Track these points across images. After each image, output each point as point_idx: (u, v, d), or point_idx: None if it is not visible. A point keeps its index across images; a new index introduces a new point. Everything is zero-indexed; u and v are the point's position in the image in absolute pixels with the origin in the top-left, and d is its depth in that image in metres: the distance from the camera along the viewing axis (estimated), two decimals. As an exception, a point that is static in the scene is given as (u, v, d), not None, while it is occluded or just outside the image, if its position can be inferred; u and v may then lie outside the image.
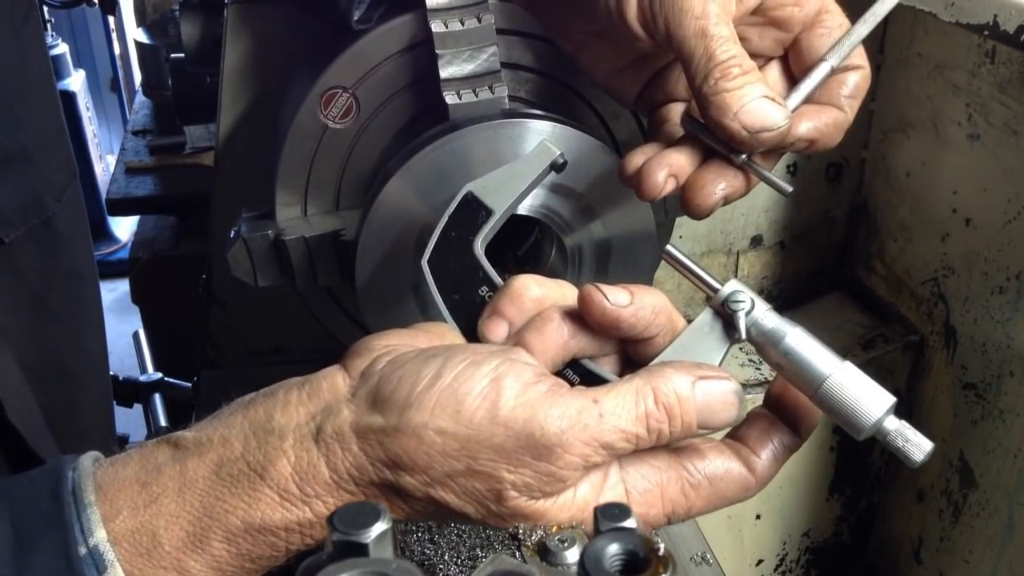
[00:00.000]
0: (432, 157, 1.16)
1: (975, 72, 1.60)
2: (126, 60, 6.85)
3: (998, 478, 1.64)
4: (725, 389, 0.81)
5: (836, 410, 0.82)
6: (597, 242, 1.25)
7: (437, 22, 1.18)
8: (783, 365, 0.83)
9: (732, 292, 0.85)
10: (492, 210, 1.00)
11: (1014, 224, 1.55)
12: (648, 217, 1.26)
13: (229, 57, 1.52)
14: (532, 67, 1.29)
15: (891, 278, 1.89)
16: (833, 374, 0.82)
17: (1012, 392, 1.59)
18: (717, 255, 1.92)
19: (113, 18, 6.50)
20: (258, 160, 1.58)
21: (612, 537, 0.67)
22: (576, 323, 0.87)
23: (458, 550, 1.45)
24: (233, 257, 1.29)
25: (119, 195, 3.38)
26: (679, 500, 0.83)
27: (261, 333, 1.73)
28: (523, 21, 1.25)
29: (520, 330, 0.88)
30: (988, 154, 1.60)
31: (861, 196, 1.94)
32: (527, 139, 1.17)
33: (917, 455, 0.81)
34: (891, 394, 0.83)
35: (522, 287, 0.90)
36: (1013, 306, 1.57)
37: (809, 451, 1.85)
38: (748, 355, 1.88)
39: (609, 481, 0.82)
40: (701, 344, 0.87)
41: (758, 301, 0.85)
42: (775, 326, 0.84)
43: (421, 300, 1.24)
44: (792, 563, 1.96)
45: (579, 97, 1.32)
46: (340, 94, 1.25)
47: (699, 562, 1.29)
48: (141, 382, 2.28)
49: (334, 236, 1.28)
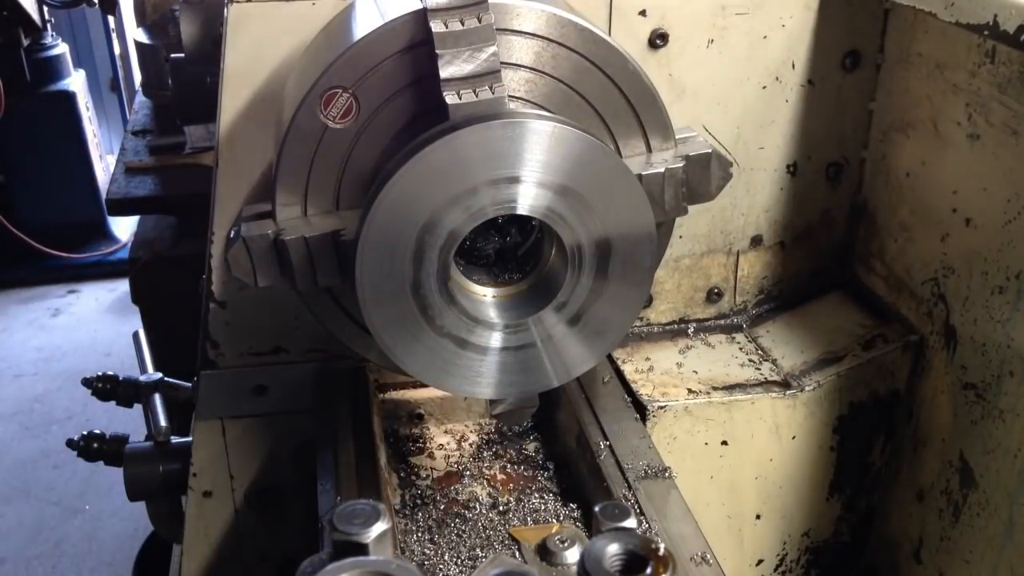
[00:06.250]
0: (432, 157, 1.16)
1: (975, 72, 1.60)
2: (126, 60, 6.85)
3: (998, 478, 1.64)
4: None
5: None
6: (597, 242, 1.25)
7: (437, 22, 1.18)
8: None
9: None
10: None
11: (1014, 224, 1.55)
12: (648, 217, 1.26)
13: (229, 57, 1.52)
14: (532, 67, 1.29)
15: (891, 278, 1.89)
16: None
17: (1012, 392, 1.59)
18: (717, 255, 1.92)
19: (113, 18, 6.51)
20: (258, 160, 1.58)
21: (612, 537, 0.67)
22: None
23: (458, 550, 1.45)
24: (233, 257, 1.29)
25: (119, 195, 3.38)
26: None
27: (261, 333, 1.73)
28: (523, 21, 1.26)
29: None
30: (988, 154, 1.60)
31: (861, 196, 1.94)
32: (527, 139, 1.17)
33: None
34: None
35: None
36: (1013, 306, 1.57)
37: (809, 451, 1.85)
38: (748, 355, 1.89)
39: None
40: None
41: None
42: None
43: (421, 300, 1.24)
44: (792, 563, 1.96)
45: (580, 97, 1.32)
46: (340, 94, 1.25)
47: (699, 562, 1.29)
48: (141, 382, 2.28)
49: (334, 236, 1.28)
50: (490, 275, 1.36)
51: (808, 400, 1.79)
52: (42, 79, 5.99)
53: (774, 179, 1.88)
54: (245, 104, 1.55)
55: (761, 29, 1.74)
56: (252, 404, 1.76)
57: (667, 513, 1.40)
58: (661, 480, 1.47)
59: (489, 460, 1.66)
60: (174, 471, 1.89)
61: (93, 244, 6.35)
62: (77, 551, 4.10)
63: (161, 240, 3.43)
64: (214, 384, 1.74)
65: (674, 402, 1.75)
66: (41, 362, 5.47)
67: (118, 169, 3.58)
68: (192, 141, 3.57)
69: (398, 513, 1.53)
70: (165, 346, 2.79)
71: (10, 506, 4.36)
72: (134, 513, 4.00)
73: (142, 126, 3.91)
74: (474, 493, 1.58)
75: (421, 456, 1.68)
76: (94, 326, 5.82)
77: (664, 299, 1.94)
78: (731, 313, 1.98)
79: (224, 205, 1.60)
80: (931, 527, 1.83)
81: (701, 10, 1.70)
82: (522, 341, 1.30)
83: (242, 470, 1.83)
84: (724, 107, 1.79)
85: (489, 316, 1.29)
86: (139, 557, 3.52)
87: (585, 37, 1.29)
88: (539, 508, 1.53)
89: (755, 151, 1.84)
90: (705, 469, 1.80)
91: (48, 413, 5.01)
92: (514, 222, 1.35)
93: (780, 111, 1.83)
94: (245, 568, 1.93)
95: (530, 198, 1.20)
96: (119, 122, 7.28)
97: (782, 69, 1.79)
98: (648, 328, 1.95)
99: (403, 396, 1.76)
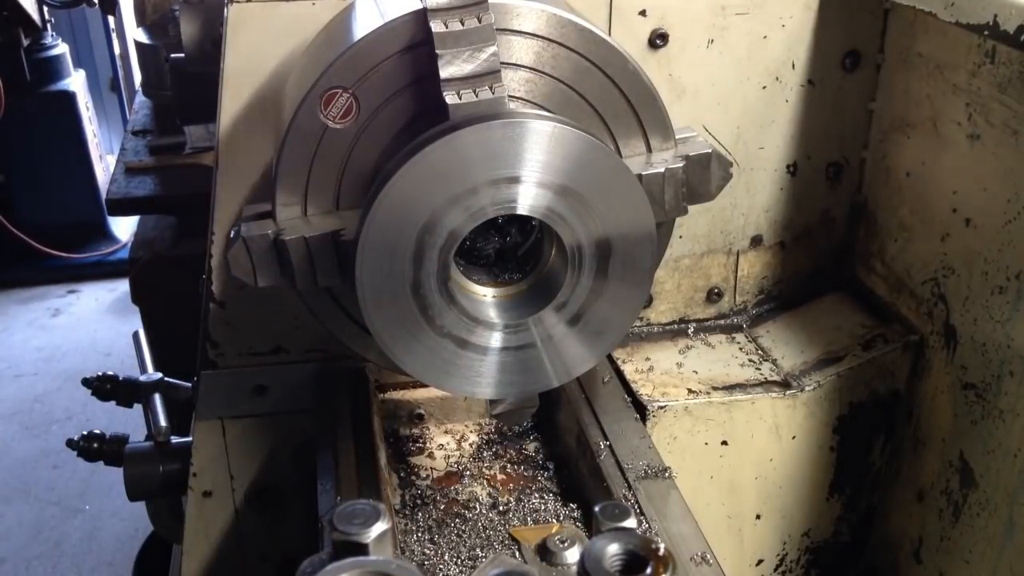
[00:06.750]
0: (432, 157, 1.16)
1: (975, 72, 1.60)
2: (126, 60, 6.85)
3: (998, 478, 1.64)
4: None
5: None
6: (597, 242, 1.25)
7: (437, 22, 1.18)
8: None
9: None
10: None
11: (1014, 224, 1.55)
12: (648, 217, 1.26)
13: (229, 57, 1.52)
14: (532, 67, 1.29)
15: (891, 278, 1.89)
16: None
17: (1012, 392, 1.59)
18: (717, 255, 1.92)
19: (113, 18, 6.50)
20: (258, 160, 1.58)
21: (612, 537, 0.67)
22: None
23: (458, 550, 1.45)
24: (233, 257, 1.29)
25: (119, 195, 3.38)
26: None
27: (261, 333, 1.73)
28: (523, 21, 1.26)
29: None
30: (988, 154, 1.60)
31: (861, 196, 1.94)
32: (527, 139, 1.17)
33: None
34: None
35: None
36: (1013, 306, 1.57)
37: (809, 451, 1.85)
38: (748, 355, 1.89)
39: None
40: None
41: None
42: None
43: (421, 300, 1.24)
44: (792, 563, 1.96)
45: (580, 97, 1.32)
46: (340, 94, 1.25)
47: (699, 562, 1.29)
48: (141, 382, 2.27)
49: (334, 236, 1.28)
50: (490, 275, 1.36)
51: (808, 400, 1.79)
52: (42, 79, 5.99)
53: (774, 179, 1.88)
54: (245, 104, 1.55)
55: (761, 29, 1.75)
56: (252, 404, 1.76)
57: (667, 513, 1.40)
58: (661, 480, 1.47)
59: (489, 460, 1.66)
60: (174, 471, 1.89)
61: (93, 244, 6.35)
62: (77, 551, 4.10)
63: (161, 240, 3.43)
64: (214, 384, 1.74)
65: (674, 402, 1.75)
66: (41, 362, 5.47)
67: (118, 169, 3.58)
68: (192, 141, 3.57)
69: (398, 513, 1.53)
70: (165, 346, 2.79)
71: (10, 506, 4.37)
72: (134, 513, 4.00)
73: (142, 126, 3.91)
74: (474, 493, 1.58)
75: (421, 456, 1.68)
76: (94, 326, 5.82)
77: (664, 299, 1.94)
78: (731, 313, 1.98)
79: (224, 205, 1.60)
80: (931, 527, 1.83)
81: (701, 10, 1.70)
82: (522, 341, 1.30)
83: (242, 470, 1.83)
84: (724, 107, 1.79)
85: (489, 316, 1.30)
86: (139, 557, 3.52)
87: (585, 37, 1.29)
88: (539, 508, 1.53)
89: (755, 151, 1.84)
90: (705, 469, 1.80)
91: (48, 413, 5.01)
92: (514, 222, 1.35)
93: (780, 111, 1.83)
94: (245, 568, 1.93)
95: (530, 198, 1.20)
96: (119, 122, 7.28)
97: (782, 69, 1.79)
98: (648, 328, 1.95)
99: (403, 396, 1.76)
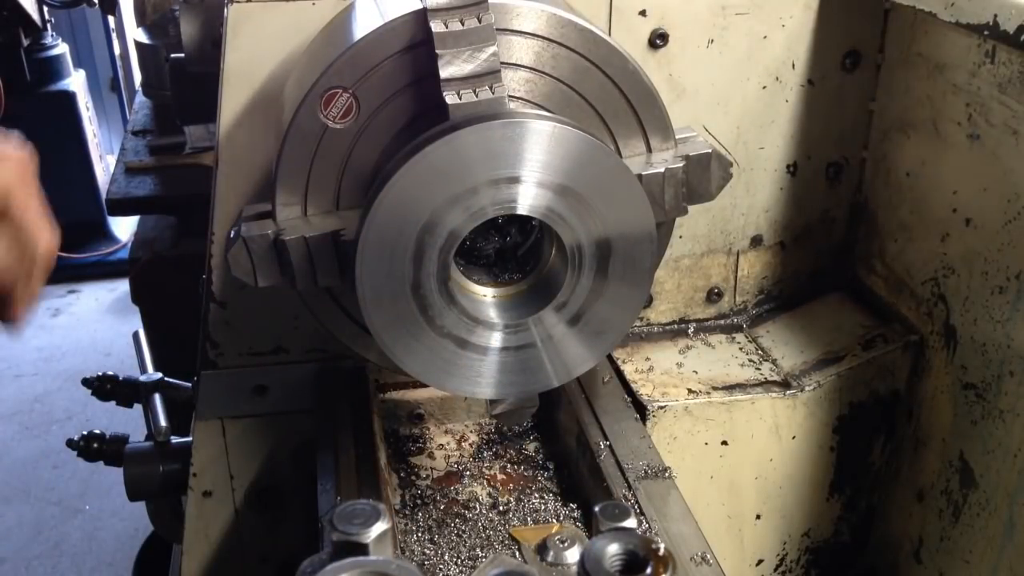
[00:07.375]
0: (432, 157, 1.16)
1: (975, 72, 1.60)
2: (126, 60, 6.84)
3: (998, 478, 1.64)
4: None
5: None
6: (597, 242, 1.25)
7: (437, 22, 1.18)
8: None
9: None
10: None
11: (1014, 224, 1.55)
12: (648, 217, 1.26)
13: (229, 57, 1.52)
14: (532, 67, 1.29)
15: (891, 278, 1.89)
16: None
17: (1012, 392, 1.59)
18: (717, 255, 1.92)
19: (113, 18, 6.50)
20: (258, 160, 1.58)
21: (612, 537, 0.67)
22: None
23: (458, 550, 1.45)
24: (233, 257, 1.29)
25: (119, 195, 3.37)
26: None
27: (261, 333, 1.73)
28: (523, 21, 1.25)
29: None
30: (988, 154, 1.60)
31: (861, 196, 1.94)
32: (527, 139, 1.17)
33: None
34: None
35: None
36: (1013, 306, 1.57)
37: (809, 451, 1.85)
38: (748, 355, 1.89)
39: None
40: None
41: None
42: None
43: (421, 300, 1.24)
44: (792, 563, 1.96)
45: (580, 97, 1.32)
46: (340, 94, 1.25)
47: (699, 562, 1.29)
48: (141, 382, 2.27)
49: (334, 236, 1.28)
50: (490, 275, 1.36)
51: (808, 400, 1.79)
52: (42, 79, 5.99)
53: (774, 179, 1.88)
54: (245, 104, 1.55)
55: (761, 29, 1.75)
56: (252, 404, 1.76)
57: (667, 513, 1.40)
58: (661, 480, 1.47)
59: (489, 460, 1.66)
60: (174, 471, 1.89)
61: (93, 244, 6.34)
62: (77, 551, 4.10)
63: (161, 240, 3.43)
64: (214, 384, 1.74)
65: (674, 402, 1.75)
66: (41, 362, 5.47)
67: (118, 169, 3.58)
68: (192, 141, 3.56)
69: (398, 513, 1.53)
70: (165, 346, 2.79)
71: (10, 506, 4.36)
72: (134, 513, 4.00)
73: (142, 126, 3.90)
74: (474, 493, 1.58)
75: (421, 456, 1.68)
76: (94, 326, 5.82)
77: (664, 299, 1.94)
78: (731, 313, 1.98)
79: (224, 205, 1.60)
80: (931, 527, 1.83)
81: (701, 10, 1.70)
82: (522, 341, 1.30)
83: (242, 470, 1.83)
84: (724, 107, 1.79)
85: (489, 316, 1.30)
86: (139, 557, 3.52)
87: (585, 37, 1.29)
88: (539, 508, 1.53)
89: (755, 151, 1.84)
90: (705, 469, 1.80)
91: (48, 413, 5.01)
92: (514, 222, 1.35)
93: (780, 111, 1.83)
94: (245, 568, 1.93)
95: (530, 198, 1.20)
96: (119, 122, 7.28)
97: (782, 69, 1.79)
98: (648, 328, 1.95)
99: (403, 396, 1.76)
